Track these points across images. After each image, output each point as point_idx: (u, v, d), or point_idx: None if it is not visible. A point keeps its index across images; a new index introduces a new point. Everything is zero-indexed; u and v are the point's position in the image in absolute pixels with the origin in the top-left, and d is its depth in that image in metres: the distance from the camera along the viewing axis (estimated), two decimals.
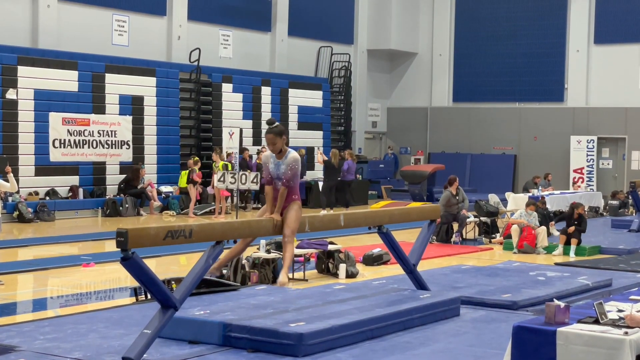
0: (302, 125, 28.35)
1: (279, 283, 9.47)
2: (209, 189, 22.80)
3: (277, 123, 8.90)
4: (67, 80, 21.73)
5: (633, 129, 29.05)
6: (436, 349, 8.09)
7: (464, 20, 32.31)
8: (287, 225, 8.83)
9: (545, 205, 18.86)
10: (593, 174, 29.41)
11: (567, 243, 16.00)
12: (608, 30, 29.59)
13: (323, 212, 21.39)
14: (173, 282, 10.13)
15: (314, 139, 28.73)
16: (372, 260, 14.18)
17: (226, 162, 22.11)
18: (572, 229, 15.95)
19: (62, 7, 22.56)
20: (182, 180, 22.06)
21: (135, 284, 9.81)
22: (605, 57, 29.66)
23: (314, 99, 28.88)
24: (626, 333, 6.25)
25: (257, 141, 26.01)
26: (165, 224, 11.60)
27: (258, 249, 12.34)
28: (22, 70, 20.88)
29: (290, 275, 12.51)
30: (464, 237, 18.10)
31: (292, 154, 8.92)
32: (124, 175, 22.51)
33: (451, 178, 18.13)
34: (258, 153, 24.41)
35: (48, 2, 22.11)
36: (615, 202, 24.02)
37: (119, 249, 6.87)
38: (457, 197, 17.78)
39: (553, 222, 17.83)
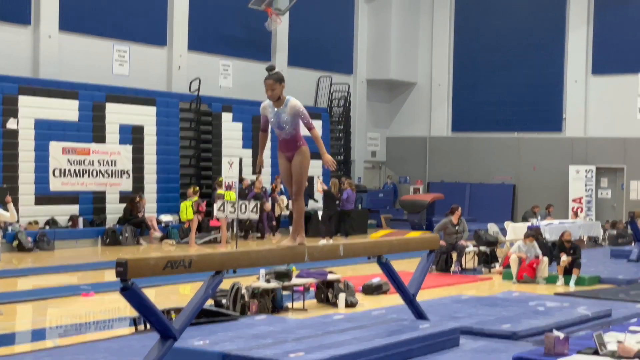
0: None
1: (283, 243, 8.59)
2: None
3: (277, 70, 8.50)
4: (67, 110, 21.79)
5: (631, 159, 29.10)
6: None
7: (462, 50, 32.45)
8: (295, 182, 8.56)
9: (540, 235, 18.80)
10: (592, 203, 29.42)
11: (567, 272, 16.00)
12: (606, 60, 29.71)
13: (322, 241, 21.39)
14: (172, 312, 10.14)
15: (314, 168, 28.61)
16: (371, 290, 14.17)
17: (224, 192, 22.15)
18: (567, 260, 15.93)
19: (63, 37, 22.67)
20: (189, 212, 21.90)
21: (135, 313, 9.81)
22: (603, 87, 29.76)
23: None
24: None
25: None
26: (165, 254, 11.60)
27: (257, 278, 12.33)
28: (22, 99, 20.94)
29: (290, 305, 12.51)
30: (464, 266, 18.08)
31: (293, 101, 8.44)
32: (124, 205, 22.51)
33: (453, 207, 18.19)
34: (252, 183, 24.39)
35: (49, 33, 22.24)
36: (614, 232, 24.05)
37: (119, 279, 6.88)
38: (457, 227, 17.78)
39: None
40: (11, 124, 20.70)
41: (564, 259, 15.95)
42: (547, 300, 12.67)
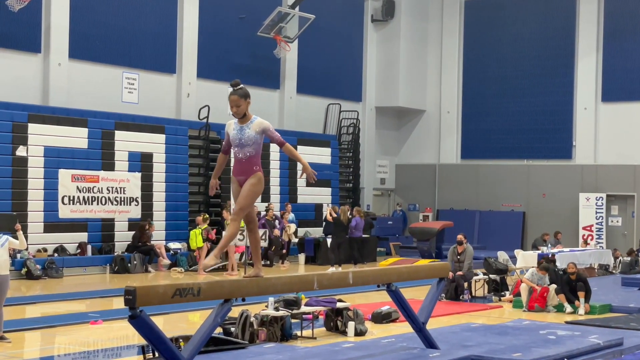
0: (310, 182, 28.33)
1: (202, 265, 8.56)
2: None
3: (242, 85, 8.23)
4: (77, 138, 21.85)
5: None
6: None
7: (471, 78, 32.49)
8: (238, 201, 8.15)
9: (555, 264, 18.73)
10: (602, 231, 29.31)
11: (569, 301, 15.95)
12: (615, 88, 29.71)
13: (331, 269, 21.32)
14: (181, 340, 10.09)
15: (323, 195, 28.74)
16: (381, 318, 14.09)
17: None
18: (586, 308, 15.84)
19: (73, 65, 22.77)
20: (199, 240, 21.98)
21: (143, 341, 9.76)
22: (613, 114, 29.73)
23: (322, 155, 28.94)
24: None
25: (265, 198, 25.96)
26: (173, 282, 11.56)
27: (266, 306, 12.28)
28: (32, 127, 21.00)
29: (299, 333, 12.44)
30: (474, 294, 17.99)
31: (260, 119, 8.22)
32: (132, 232, 22.50)
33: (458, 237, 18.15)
34: (266, 211, 24.42)
35: (59, 61, 22.33)
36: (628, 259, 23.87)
37: (127, 307, 6.84)
38: (458, 257, 17.71)
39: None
40: (21, 152, 20.76)
41: (581, 310, 15.83)
42: (558, 329, 12.58)
